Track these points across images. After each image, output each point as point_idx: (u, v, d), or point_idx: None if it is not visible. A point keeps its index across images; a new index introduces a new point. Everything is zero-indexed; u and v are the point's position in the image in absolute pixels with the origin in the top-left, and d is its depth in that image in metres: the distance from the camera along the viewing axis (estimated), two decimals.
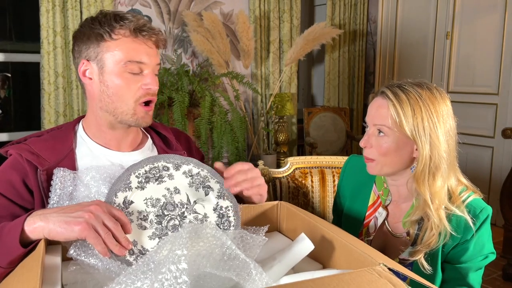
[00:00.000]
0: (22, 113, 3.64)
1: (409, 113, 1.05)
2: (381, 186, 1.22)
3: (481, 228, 1.09)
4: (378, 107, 1.11)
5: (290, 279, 0.78)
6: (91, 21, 1.03)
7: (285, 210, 1.05)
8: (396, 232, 1.17)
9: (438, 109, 1.07)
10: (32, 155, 0.99)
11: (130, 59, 1.01)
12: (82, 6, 2.96)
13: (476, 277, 1.12)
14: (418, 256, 1.07)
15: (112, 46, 1.00)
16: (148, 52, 1.03)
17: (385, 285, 0.62)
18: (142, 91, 1.03)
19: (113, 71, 1.01)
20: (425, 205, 1.07)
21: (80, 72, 1.05)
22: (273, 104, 3.74)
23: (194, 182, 0.93)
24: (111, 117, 1.05)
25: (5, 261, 0.78)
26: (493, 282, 2.67)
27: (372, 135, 1.12)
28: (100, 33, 1.00)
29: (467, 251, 1.09)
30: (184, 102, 3.07)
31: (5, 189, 0.98)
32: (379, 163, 1.11)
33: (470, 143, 3.72)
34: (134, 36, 1.01)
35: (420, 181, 1.07)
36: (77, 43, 1.05)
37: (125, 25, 1.01)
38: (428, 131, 1.05)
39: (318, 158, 1.74)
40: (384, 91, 1.10)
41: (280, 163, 3.77)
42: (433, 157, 1.06)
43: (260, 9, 3.82)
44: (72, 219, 0.77)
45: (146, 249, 0.84)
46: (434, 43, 3.98)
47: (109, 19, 1.01)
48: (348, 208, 1.29)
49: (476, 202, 1.10)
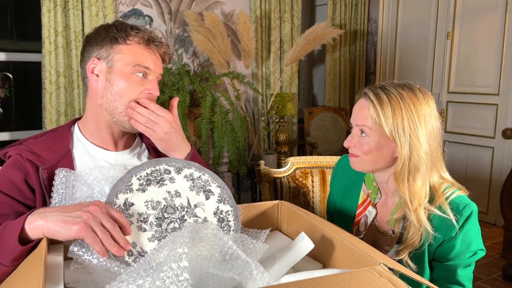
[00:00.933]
0: (23, 113, 3.65)
1: (389, 114, 1.06)
2: (370, 185, 1.24)
3: (465, 224, 1.09)
4: (360, 108, 1.13)
5: (290, 278, 0.78)
6: (107, 27, 1.10)
7: (285, 210, 1.06)
8: (384, 230, 1.19)
9: (420, 110, 1.08)
10: (32, 154, 1.02)
11: (139, 63, 1.08)
12: (83, 6, 2.97)
13: (466, 273, 1.12)
14: (403, 255, 1.08)
15: (125, 49, 1.08)
16: (155, 61, 1.11)
17: (385, 284, 0.63)
18: (144, 95, 1.09)
19: (121, 71, 1.07)
20: (405, 205, 1.08)
21: (88, 68, 1.09)
22: (274, 104, 3.74)
23: (195, 186, 0.94)
24: (109, 115, 1.10)
25: (7, 259, 0.78)
26: (493, 282, 2.67)
27: (355, 135, 1.15)
28: (116, 36, 1.08)
29: (454, 248, 1.09)
30: (185, 102, 3.08)
31: (8, 187, 1.00)
32: (361, 160, 1.14)
33: (470, 144, 3.73)
34: (146, 45, 1.10)
35: (400, 180, 1.09)
36: (90, 43, 1.11)
37: (140, 34, 1.09)
38: (408, 132, 1.06)
39: (318, 158, 1.75)
40: (366, 92, 1.12)
41: (280, 163, 3.77)
42: (412, 157, 1.07)
43: (261, 9, 3.82)
44: (70, 218, 0.78)
45: (145, 251, 0.85)
46: (435, 43, 3.98)
47: (126, 26, 1.10)
48: (339, 207, 1.31)
49: (460, 198, 1.11)
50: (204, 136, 3.24)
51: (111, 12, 3.07)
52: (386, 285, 0.62)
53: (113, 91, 1.08)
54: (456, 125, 3.85)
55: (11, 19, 3.43)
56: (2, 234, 0.81)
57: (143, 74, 1.08)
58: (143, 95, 1.09)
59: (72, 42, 2.96)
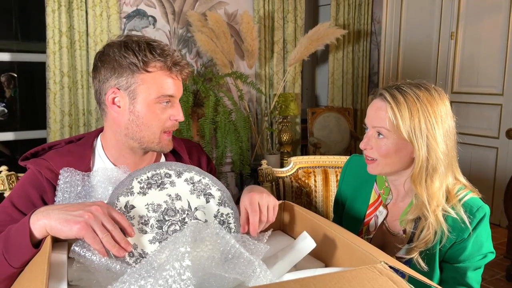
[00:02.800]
0: (28, 113, 3.67)
1: (407, 115, 1.05)
2: (382, 185, 1.23)
3: (478, 226, 1.08)
4: (376, 109, 1.11)
5: (292, 277, 0.79)
6: (123, 48, 1.01)
7: (288, 210, 1.06)
8: (394, 230, 1.18)
9: (436, 110, 1.07)
10: (51, 173, 1.01)
11: (163, 94, 1.03)
12: (87, 6, 2.98)
13: (475, 276, 1.11)
14: (414, 254, 1.08)
15: (147, 78, 1.01)
16: (178, 84, 1.06)
17: (385, 282, 0.63)
18: (170, 122, 1.07)
19: (145, 103, 1.02)
20: (422, 206, 1.07)
21: (108, 99, 1.04)
22: (277, 104, 3.74)
23: (195, 189, 0.95)
24: (136, 143, 1.07)
25: (19, 262, 0.79)
26: (496, 283, 2.66)
27: (371, 137, 1.13)
28: (134, 62, 1.00)
29: (465, 250, 1.09)
30: (188, 102, 3.09)
31: (24, 204, 1.00)
32: (380, 164, 1.12)
33: (474, 144, 3.71)
34: (169, 71, 1.03)
35: (417, 182, 1.08)
36: (104, 65, 1.03)
37: (162, 60, 1.02)
38: (425, 133, 1.05)
39: (321, 158, 1.75)
40: (382, 93, 1.10)
41: (283, 163, 3.77)
42: (430, 158, 1.06)
43: (264, 9, 3.82)
44: (72, 217, 0.78)
45: (146, 253, 0.86)
46: (439, 44, 3.97)
47: (144, 49, 1.01)
48: (348, 207, 1.30)
49: (473, 200, 1.10)
50: (207, 136, 3.24)
51: (115, 13, 3.08)
52: (387, 283, 0.62)
53: (139, 122, 1.04)
54: (460, 125, 3.77)
55: (15, 19, 3.45)
56: (8, 238, 0.82)
57: (167, 102, 1.05)
58: (169, 123, 1.06)
59: (76, 42, 2.97)
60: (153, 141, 1.06)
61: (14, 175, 1.35)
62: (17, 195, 1.02)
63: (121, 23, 3.23)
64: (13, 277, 0.79)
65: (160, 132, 1.06)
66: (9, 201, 1.01)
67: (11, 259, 0.79)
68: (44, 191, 1.01)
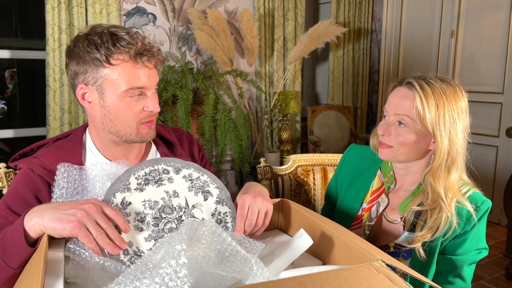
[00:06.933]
0: (28, 110, 3.66)
1: (433, 107, 1.06)
2: (387, 173, 1.23)
3: (481, 220, 1.11)
4: (402, 97, 1.11)
5: (289, 274, 0.79)
6: (86, 42, 0.97)
7: (287, 207, 1.06)
8: (392, 218, 1.19)
9: (459, 106, 1.09)
10: (44, 170, 1.00)
11: (131, 86, 0.98)
12: (87, 4, 2.98)
13: (470, 271, 1.14)
14: (416, 244, 1.09)
15: (112, 73, 0.97)
16: (149, 74, 1.01)
17: (382, 280, 0.63)
18: (144, 113, 1.03)
19: (114, 97, 0.99)
20: (438, 197, 1.08)
21: (78, 95, 1.02)
22: (277, 102, 3.74)
23: (193, 186, 0.94)
24: (115, 137, 1.05)
25: (17, 262, 0.79)
26: (496, 281, 2.66)
27: (392, 124, 1.13)
28: (97, 57, 0.96)
29: (465, 243, 1.11)
30: (188, 100, 3.08)
31: (19, 206, 0.98)
32: (395, 151, 1.13)
33: (474, 142, 3.69)
34: (134, 61, 0.98)
35: (437, 175, 1.09)
36: (72, 63, 1.01)
37: (124, 51, 0.96)
38: (448, 127, 1.07)
39: (320, 156, 1.75)
40: (411, 81, 1.10)
41: (283, 161, 3.76)
42: (451, 152, 1.08)
43: (265, 7, 3.81)
44: (65, 216, 0.78)
45: (141, 250, 0.85)
46: (439, 42, 3.96)
47: (106, 41, 0.96)
48: (344, 195, 1.30)
49: (477, 195, 1.13)
50: (207, 134, 3.24)
51: (114, 10, 3.08)
52: (384, 280, 0.62)
53: (112, 117, 1.01)
54: None
55: (15, 17, 3.45)
56: (4, 239, 0.82)
57: (138, 94, 1.00)
58: (143, 114, 1.02)
59: None
60: (131, 133, 1.03)
61: (13, 172, 1.35)
62: (11, 197, 1.00)
63: (120, 20, 3.23)
64: (13, 278, 0.79)
65: (136, 124, 1.03)
66: (4, 204, 0.99)
67: (9, 260, 0.79)
68: (38, 190, 1.00)
